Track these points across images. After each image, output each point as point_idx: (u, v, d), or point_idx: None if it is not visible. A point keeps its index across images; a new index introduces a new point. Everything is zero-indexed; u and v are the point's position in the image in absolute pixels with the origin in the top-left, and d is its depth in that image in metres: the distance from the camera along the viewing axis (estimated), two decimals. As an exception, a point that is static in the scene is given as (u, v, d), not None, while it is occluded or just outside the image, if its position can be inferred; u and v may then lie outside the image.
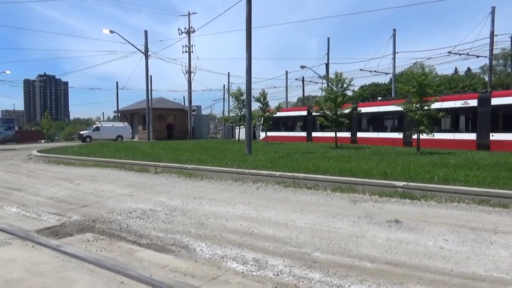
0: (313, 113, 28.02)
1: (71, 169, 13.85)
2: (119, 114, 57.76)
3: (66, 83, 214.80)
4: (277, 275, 4.08)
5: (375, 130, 24.95)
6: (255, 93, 26.34)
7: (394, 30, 35.34)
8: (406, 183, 7.76)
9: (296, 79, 48.71)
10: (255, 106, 26.06)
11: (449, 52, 29.83)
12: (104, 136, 40.65)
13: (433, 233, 5.34)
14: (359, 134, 25.70)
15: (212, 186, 9.46)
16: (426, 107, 15.52)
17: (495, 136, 18.26)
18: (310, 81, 46.24)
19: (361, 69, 36.21)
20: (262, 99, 24.74)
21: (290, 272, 4.15)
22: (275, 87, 79.39)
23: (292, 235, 5.41)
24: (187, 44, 44.13)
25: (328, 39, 41.04)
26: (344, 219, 6.18)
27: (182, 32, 44.12)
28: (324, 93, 20.37)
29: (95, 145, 24.55)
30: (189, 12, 44.25)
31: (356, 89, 33.86)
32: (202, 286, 3.78)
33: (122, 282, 3.88)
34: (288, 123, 32.96)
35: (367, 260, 4.43)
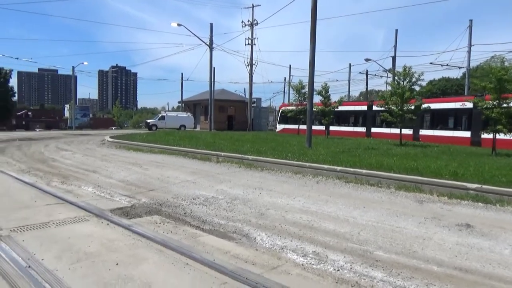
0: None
1: (140, 155, 14.73)
2: (183, 105, 60.09)
3: (135, 74, 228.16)
4: (338, 270, 4.03)
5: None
6: (317, 86, 26.31)
7: (471, 21, 32.78)
8: (479, 185, 7.23)
9: (360, 73, 47.24)
10: (316, 99, 26.02)
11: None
12: (169, 125, 42.55)
13: (510, 241, 4.94)
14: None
15: (272, 178, 9.54)
16: (505, 105, 14.29)
17: None
18: (375, 75, 44.63)
19: (431, 63, 34.11)
20: (324, 92, 24.32)
21: (351, 268, 4.08)
22: (337, 80, 77.40)
23: (353, 232, 5.31)
24: (250, 37, 44.67)
25: (396, 31, 39.29)
26: (409, 219, 5.93)
27: (245, 25, 44.66)
28: (389, 87, 19.51)
29: (160, 134, 25.81)
30: (252, 5, 44.62)
31: (424, 83, 32.17)
32: (262, 275, 3.84)
33: (187, 264, 4.07)
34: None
35: (434, 264, 4.22)
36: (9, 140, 22.89)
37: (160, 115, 47.62)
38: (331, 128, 29.83)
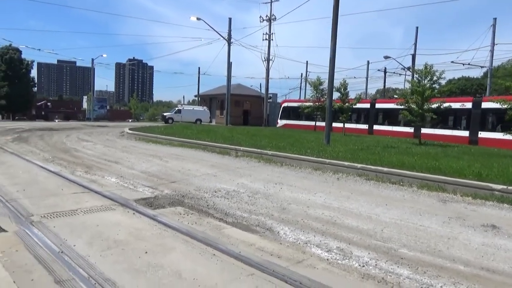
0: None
1: (159, 147, 14.92)
2: (199, 99, 60.42)
3: (151, 67, 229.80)
4: (363, 266, 4.05)
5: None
6: (335, 83, 26.41)
7: (495, 19, 31.97)
8: (505, 186, 7.11)
9: (379, 70, 46.65)
10: (334, 96, 26.24)
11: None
12: (185, 118, 42.82)
13: (538, 243, 4.87)
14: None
15: (292, 173, 9.57)
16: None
17: None
18: (394, 73, 44.05)
19: (452, 62, 33.39)
20: (342, 89, 24.15)
21: (376, 265, 4.09)
22: (354, 77, 76.38)
23: (376, 229, 5.30)
24: (268, 32, 44.54)
25: (417, 28, 38.57)
26: (433, 218, 5.89)
27: (263, 20, 44.56)
28: (409, 86, 19.26)
29: (178, 127, 26.04)
30: (271, 0, 44.56)
31: (443, 82, 31.65)
32: (288, 268, 3.89)
33: (214, 255, 4.14)
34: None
35: (460, 263, 4.19)
36: (31, 130, 23.44)
37: (176, 108, 47.95)
38: (334, 124, 29.80)
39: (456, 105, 21.91)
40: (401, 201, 6.89)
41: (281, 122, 37.89)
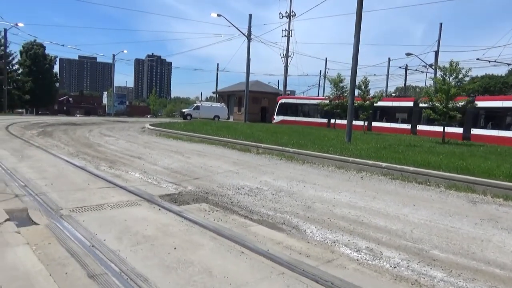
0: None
1: (180, 143, 15.02)
2: (217, 95, 60.66)
3: (170, 63, 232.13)
4: (395, 267, 3.96)
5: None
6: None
7: (523, 14, 30.99)
8: (538, 188, 6.89)
9: (400, 67, 45.85)
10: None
11: None
12: (203, 115, 43.07)
13: None
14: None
15: (314, 171, 9.48)
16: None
17: None
18: (416, 70, 43.21)
19: (478, 59, 32.52)
20: (363, 86, 23.81)
21: (408, 266, 4.00)
22: (375, 75, 75.48)
23: (405, 229, 5.19)
24: (287, 28, 44.32)
25: (441, 24, 37.78)
26: (463, 219, 5.73)
27: (282, 16, 44.40)
28: (431, 83, 18.87)
29: (198, 123, 26.19)
30: (291, -4, 44.26)
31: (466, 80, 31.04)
32: (318, 267, 3.83)
33: (243, 252, 4.12)
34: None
35: (495, 266, 4.06)
36: (54, 124, 23.96)
37: (195, 105, 48.29)
38: (338, 121, 31.36)
39: None
40: (429, 202, 6.74)
41: (277, 118, 38.52)
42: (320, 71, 60.08)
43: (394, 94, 64.50)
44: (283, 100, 39.72)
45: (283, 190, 7.25)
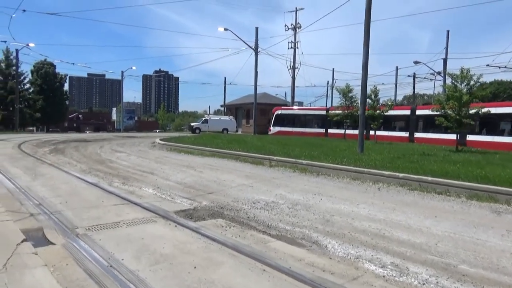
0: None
1: (191, 157, 14.97)
2: (225, 108, 60.92)
3: (177, 78, 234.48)
4: (423, 284, 3.79)
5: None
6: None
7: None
8: None
9: (409, 76, 45.64)
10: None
11: None
12: (212, 128, 43.19)
13: None
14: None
15: (330, 183, 9.32)
16: None
17: None
18: (425, 78, 42.93)
19: (488, 65, 32.16)
20: (373, 96, 23.66)
21: (437, 282, 3.82)
22: (383, 84, 75.06)
23: (430, 243, 5.02)
24: (293, 40, 44.53)
25: (448, 31, 37.63)
26: (489, 231, 5.53)
27: (288, 29, 44.68)
28: (440, 91, 18.69)
29: (208, 137, 26.19)
30: (296, 8, 44.51)
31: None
32: (344, 285, 3.68)
33: (264, 270, 3.98)
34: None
35: (529, 281, 3.87)
36: (66, 141, 24.14)
37: (203, 118, 48.50)
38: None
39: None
40: (451, 213, 6.54)
41: (274, 129, 38.79)
42: (328, 81, 60.20)
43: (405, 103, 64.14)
44: (279, 111, 40.28)
45: (300, 204, 7.12)
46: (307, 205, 7.03)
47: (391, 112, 25.70)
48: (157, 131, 69.99)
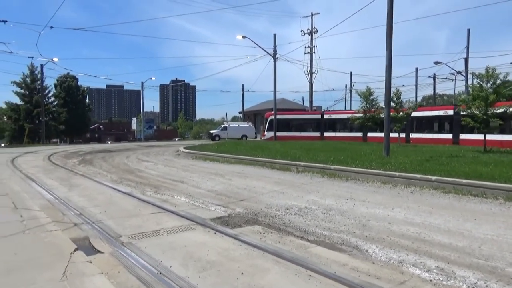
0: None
1: (217, 165, 15.12)
2: (243, 115, 61.23)
3: (193, 87, 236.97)
4: (473, 288, 3.77)
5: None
6: (380, 92, 27.58)
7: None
8: None
9: (429, 76, 44.98)
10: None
11: None
12: (231, 135, 43.47)
13: None
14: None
15: (360, 188, 9.29)
16: None
17: None
18: (446, 78, 42.22)
19: (512, 63, 31.42)
20: (395, 98, 23.42)
21: (487, 286, 3.79)
22: (403, 85, 74.09)
23: (473, 246, 4.96)
24: (309, 45, 44.53)
25: (468, 30, 37.13)
26: (533, 233, 5.43)
27: (304, 34, 44.75)
28: (462, 91, 18.36)
29: (230, 144, 26.37)
30: (312, 13, 44.60)
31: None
32: (393, 289, 3.70)
33: (310, 276, 4.03)
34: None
35: None
36: (91, 152, 24.73)
37: (222, 125, 48.90)
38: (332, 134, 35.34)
39: None
40: (490, 215, 6.44)
41: (268, 134, 38.93)
42: (346, 85, 59.79)
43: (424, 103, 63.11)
44: (272, 117, 40.41)
45: (333, 209, 7.13)
46: (341, 210, 7.04)
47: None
48: (177, 139, 70.76)
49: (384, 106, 22.87)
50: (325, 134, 37.21)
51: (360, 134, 33.55)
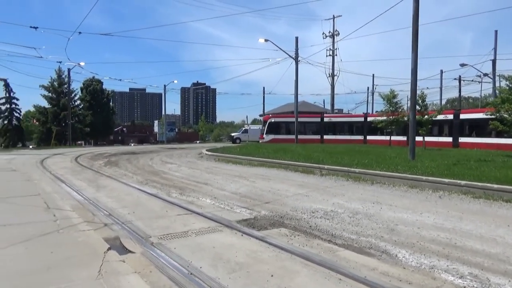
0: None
1: (240, 167, 15.21)
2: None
3: (214, 90, 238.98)
4: (510, 295, 3.67)
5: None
6: (403, 95, 27.44)
7: None
8: None
9: (455, 79, 44.01)
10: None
11: None
12: (252, 138, 43.66)
13: None
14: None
15: (386, 192, 9.17)
16: None
17: None
18: (472, 80, 41.19)
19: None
20: (420, 101, 22.96)
21: (524, 294, 3.69)
22: (427, 88, 72.60)
23: (507, 253, 4.83)
24: (331, 48, 44.29)
25: (496, 32, 36.15)
26: None
27: (326, 36, 44.58)
28: (489, 93, 17.86)
29: (252, 146, 26.48)
30: (333, 16, 44.43)
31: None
32: (425, 295, 3.64)
33: (340, 279, 4.01)
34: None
35: None
36: (116, 154, 25.27)
37: (243, 128, 49.22)
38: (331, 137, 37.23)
39: None
40: (524, 221, 6.25)
41: (267, 137, 39.06)
42: (368, 87, 59.05)
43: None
44: (272, 119, 40.88)
45: (360, 213, 7.06)
46: (367, 214, 6.97)
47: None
48: (198, 142, 71.45)
49: (409, 109, 22.60)
50: (325, 137, 38.69)
51: (360, 137, 36.12)
